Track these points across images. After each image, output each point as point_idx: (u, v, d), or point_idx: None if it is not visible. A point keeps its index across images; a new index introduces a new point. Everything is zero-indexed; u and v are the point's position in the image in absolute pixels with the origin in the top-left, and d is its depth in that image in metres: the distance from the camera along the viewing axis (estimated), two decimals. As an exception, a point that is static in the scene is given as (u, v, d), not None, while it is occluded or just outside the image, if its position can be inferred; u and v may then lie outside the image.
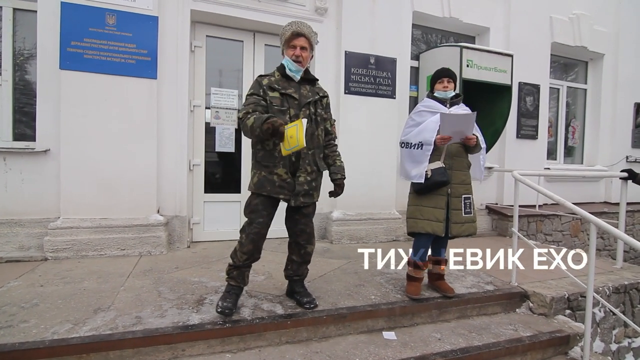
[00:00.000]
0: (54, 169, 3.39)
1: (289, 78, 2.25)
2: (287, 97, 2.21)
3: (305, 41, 2.23)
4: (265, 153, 2.20)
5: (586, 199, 6.08)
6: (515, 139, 5.36)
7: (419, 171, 2.49)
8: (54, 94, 3.35)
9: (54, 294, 2.46)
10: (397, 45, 4.50)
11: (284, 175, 2.19)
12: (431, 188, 2.49)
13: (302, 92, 2.26)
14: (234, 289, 2.25)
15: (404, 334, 2.36)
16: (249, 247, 2.19)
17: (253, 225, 2.20)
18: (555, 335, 2.48)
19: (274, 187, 2.19)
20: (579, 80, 6.47)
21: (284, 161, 2.18)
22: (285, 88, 2.22)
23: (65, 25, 3.28)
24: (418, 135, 2.53)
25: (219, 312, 2.12)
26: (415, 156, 2.52)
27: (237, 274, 2.24)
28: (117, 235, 3.41)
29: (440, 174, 2.46)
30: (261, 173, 2.21)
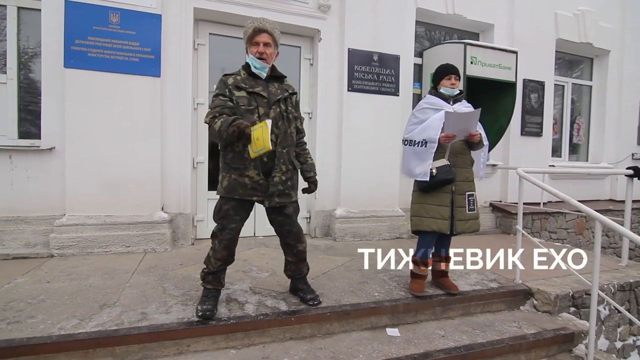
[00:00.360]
0: (59, 166, 3.42)
1: (255, 76, 2.18)
2: (255, 96, 2.13)
3: (268, 37, 2.15)
4: (235, 155, 2.12)
5: (591, 196, 6.05)
6: (519, 136, 5.33)
7: (424, 169, 2.48)
8: (59, 92, 3.37)
9: (60, 290, 2.48)
10: (401, 43, 4.48)
11: (256, 176, 2.12)
12: (436, 186, 2.49)
13: (270, 89, 2.19)
14: (211, 291, 2.22)
15: (407, 331, 2.36)
16: (222, 254, 2.16)
17: (225, 231, 2.14)
18: (559, 333, 2.48)
19: (246, 190, 2.12)
20: (584, 77, 6.42)
21: (254, 162, 2.10)
22: (253, 87, 2.14)
23: (69, 23, 3.29)
24: (422, 133, 2.51)
25: (200, 316, 2.07)
26: (420, 154, 2.51)
27: (212, 278, 2.22)
28: (122, 232, 3.43)
29: (445, 171, 2.46)
30: (231, 176, 2.13)
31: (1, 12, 3.49)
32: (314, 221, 4.35)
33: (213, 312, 2.12)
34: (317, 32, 4.22)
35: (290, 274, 2.46)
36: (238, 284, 2.66)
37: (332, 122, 4.29)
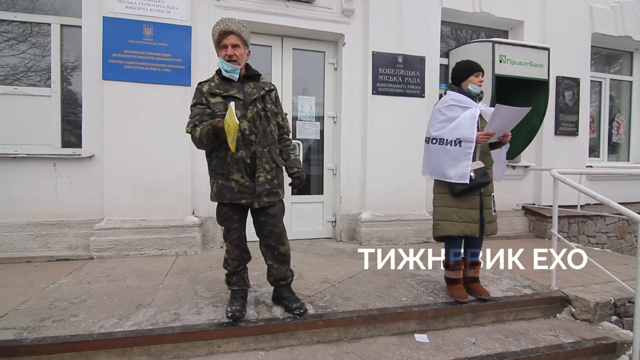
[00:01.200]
0: (98, 173, 3.61)
1: (229, 79, 2.16)
2: (231, 99, 2.10)
3: (235, 38, 2.10)
4: (219, 160, 2.14)
5: (634, 198, 5.68)
6: (553, 136, 5.11)
7: (462, 171, 2.36)
8: (98, 103, 3.57)
9: (100, 290, 2.62)
10: (426, 44, 4.43)
11: (241, 179, 2.12)
12: (471, 190, 2.42)
13: (246, 90, 2.16)
14: (238, 292, 2.28)
15: (436, 337, 2.32)
16: (235, 253, 2.24)
17: (231, 232, 2.21)
18: (600, 343, 2.35)
19: (234, 194, 2.13)
20: (624, 72, 6.07)
21: (237, 165, 2.11)
22: (227, 90, 2.13)
23: (107, 38, 3.49)
24: (454, 131, 2.39)
25: (229, 317, 2.11)
26: (453, 154, 2.39)
27: (236, 279, 2.29)
28: (156, 235, 3.58)
29: (482, 175, 2.40)
30: (218, 181, 2.16)
31: (46, 30, 3.74)
32: (339, 225, 4.36)
33: (242, 312, 2.16)
34: (341, 36, 4.25)
35: (272, 279, 2.34)
36: (265, 286, 2.70)
37: (357, 126, 4.29)
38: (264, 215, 2.22)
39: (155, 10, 3.60)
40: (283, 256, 2.30)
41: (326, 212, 4.48)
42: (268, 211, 2.22)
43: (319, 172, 4.51)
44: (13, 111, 3.63)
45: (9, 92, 3.63)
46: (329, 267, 3.27)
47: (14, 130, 3.62)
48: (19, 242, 3.52)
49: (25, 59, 3.73)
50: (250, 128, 2.11)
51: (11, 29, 3.70)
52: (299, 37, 4.29)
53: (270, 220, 2.23)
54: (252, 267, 3.19)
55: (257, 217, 2.24)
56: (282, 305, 2.33)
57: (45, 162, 3.60)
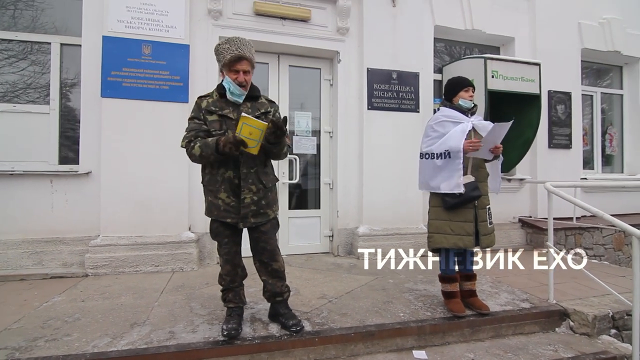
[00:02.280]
0: (95, 189, 3.61)
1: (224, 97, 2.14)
2: (225, 119, 2.10)
3: (247, 64, 2.10)
4: (211, 177, 2.15)
5: (630, 209, 5.71)
6: (547, 148, 5.16)
7: (454, 182, 2.40)
8: (96, 120, 3.61)
9: (94, 309, 2.59)
10: (420, 60, 4.52)
11: (226, 199, 2.12)
12: (463, 204, 2.45)
13: (241, 110, 2.12)
14: (234, 310, 2.27)
15: (435, 354, 2.29)
16: (227, 268, 2.23)
17: (222, 247, 2.22)
18: (599, 357, 2.33)
19: (220, 212, 2.14)
20: (614, 86, 6.19)
21: (224, 185, 2.10)
22: (223, 109, 2.12)
23: (106, 56, 3.55)
24: (443, 145, 2.46)
25: (225, 335, 2.10)
26: (443, 166, 2.45)
27: (232, 296, 2.28)
28: (152, 252, 3.56)
29: (473, 188, 2.44)
30: (208, 198, 2.20)
31: (46, 48, 3.80)
32: (336, 239, 4.35)
33: (238, 331, 2.15)
34: (337, 53, 4.33)
35: (268, 295, 2.33)
36: (262, 303, 2.67)
37: (353, 141, 4.34)
38: (256, 232, 2.22)
39: (155, 29, 3.67)
40: (277, 272, 2.29)
41: (323, 227, 4.47)
42: (261, 228, 2.21)
43: (315, 186, 4.52)
44: (11, 128, 3.66)
45: (8, 110, 3.66)
46: (326, 283, 3.24)
47: (12, 147, 3.64)
48: (14, 259, 3.49)
49: (24, 76, 3.78)
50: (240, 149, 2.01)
51: (11, 47, 3.75)
52: (296, 55, 4.38)
53: (263, 237, 2.22)
54: (248, 284, 3.16)
55: (251, 234, 2.25)
56: (279, 322, 2.31)
57: (42, 179, 3.60)
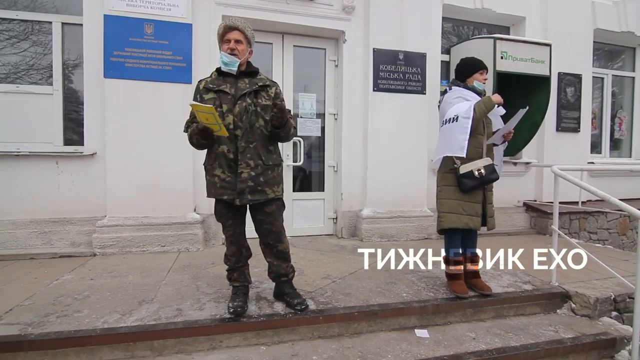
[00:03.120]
0: (100, 170, 3.64)
1: (225, 75, 2.16)
2: (221, 94, 2.11)
3: (239, 34, 2.13)
4: (208, 157, 2.20)
5: (636, 194, 5.67)
6: (555, 132, 5.09)
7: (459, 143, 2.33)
8: (99, 101, 3.59)
9: (103, 286, 2.65)
10: (427, 40, 4.41)
11: (222, 174, 2.11)
12: (481, 186, 2.48)
13: (238, 85, 2.13)
14: (240, 288, 2.30)
15: (437, 333, 2.33)
16: (232, 249, 2.26)
17: (226, 229, 2.24)
18: (600, 338, 2.36)
19: (217, 189, 2.13)
20: (626, 68, 6.04)
21: (219, 160, 2.11)
22: (219, 85, 2.13)
23: (108, 36, 3.50)
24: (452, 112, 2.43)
25: (231, 312, 2.13)
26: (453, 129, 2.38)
27: (237, 275, 2.30)
28: (158, 232, 3.60)
29: (492, 171, 2.47)
30: (206, 176, 2.21)
31: (47, 28, 3.75)
32: (340, 222, 4.37)
33: (244, 308, 2.19)
34: (342, 33, 4.24)
35: (273, 276, 2.36)
36: (267, 282, 2.71)
37: (358, 123, 4.30)
38: (261, 214, 2.20)
39: (156, 8, 3.60)
40: (282, 254, 2.29)
41: (327, 209, 4.49)
42: (265, 209, 2.19)
43: (320, 169, 4.52)
44: (15, 109, 3.66)
45: (11, 91, 3.65)
46: (330, 264, 3.28)
47: (16, 128, 3.65)
48: (23, 239, 3.55)
49: (26, 57, 3.75)
50: (235, 123, 2.06)
51: (12, 27, 3.71)
52: (300, 34, 4.29)
53: (267, 219, 2.21)
54: (253, 264, 3.20)
55: (254, 215, 2.24)
56: (284, 301, 2.35)
57: (48, 160, 3.62)
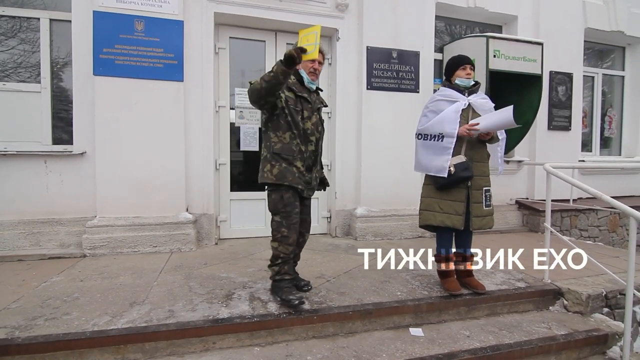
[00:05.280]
0: (90, 170, 3.57)
1: (303, 84, 2.40)
2: (302, 100, 2.35)
3: (321, 57, 2.39)
4: (284, 145, 2.32)
5: (626, 192, 5.76)
6: (546, 130, 5.13)
7: (441, 164, 2.42)
8: (89, 99, 3.53)
9: (93, 288, 2.60)
10: (420, 39, 4.42)
11: (301, 167, 2.35)
12: (454, 184, 2.44)
13: (312, 98, 2.44)
14: (291, 281, 2.40)
15: (431, 331, 2.33)
16: (294, 238, 2.33)
17: (292, 216, 2.32)
18: (592, 334, 2.38)
19: (295, 178, 2.32)
20: (616, 67, 6.11)
21: (301, 155, 2.34)
22: (301, 91, 2.37)
23: (97, 33, 3.44)
24: (437, 126, 2.46)
25: (296, 304, 2.23)
26: (435, 148, 2.46)
27: (288, 268, 2.38)
28: (150, 232, 3.55)
29: (464, 169, 2.41)
30: (281, 165, 2.31)
31: (35, 25, 3.68)
32: (334, 220, 4.36)
33: (302, 299, 2.28)
34: (336, 31, 4.22)
35: None
36: (260, 282, 2.70)
37: (351, 121, 4.29)
38: (303, 205, 2.45)
39: (147, 4, 3.54)
40: (304, 242, 2.58)
41: (321, 208, 4.47)
42: (306, 202, 2.49)
43: (313, 168, 4.49)
44: (3, 108, 3.57)
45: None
46: (324, 263, 3.27)
47: (4, 127, 3.57)
48: (10, 240, 3.47)
49: (14, 54, 3.67)
50: (312, 130, 2.38)
51: (0, 24, 3.62)
52: (293, 32, 4.25)
53: (306, 210, 2.50)
54: (246, 264, 3.20)
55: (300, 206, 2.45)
56: None
57: (36, 159, 3.55)
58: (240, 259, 3.37)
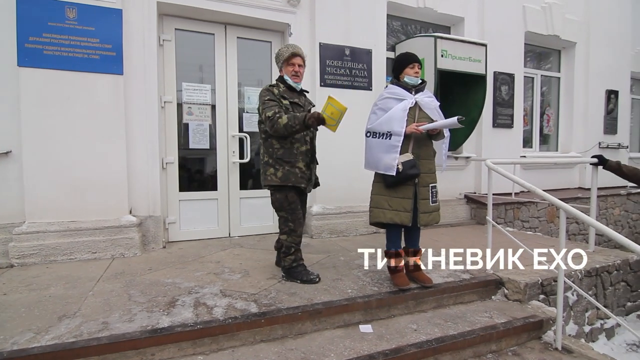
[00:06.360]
0: (16, 171, 3.23)
1: (291, 89, 2.69)
2: (295, 105, 2.65)
3: (301, 60, 2.69)
4: (285, 151, 2.60)
5: (562, 185, 6.23)
6: (491, 128, 5.41)
7: (389, 163, 2.45)
8: (13, 92, 3.17)
9: (17, 302, 2.35)
10: (373, 37, 4.46)
11: (304, 167, 2.66)
12: (402, 182, 2.47)
13: (302, 101, 2.76)
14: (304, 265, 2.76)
15: (380, 327, 2.35)
16: (300, 230, 2.71)
17: (296, 212, 2.66)
18: (528, 321, 2.52)
19: (298, 178, 2.62)
20: (553, 69, 6.58)
21: (302, 156, 2.65)
22: (292, 97, 2.67)
23: (21, 19, 3.10)
24: (385, 125, 2.49)
25: (318, 280, 2.68)
26: (384, 146, 2.49)
27: (300, 255, 2.74)
28: (88, 238, 3.29)
29: (411, 166, 2.45)
30: (284, 167, 2.60)
31: (-53, 8, 3.25)
32: (290, 219, 4.29)
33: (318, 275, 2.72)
34: (288, 26, 4.15)
35: (280, 246, 2.86)
36: (208, 287, 2.59)
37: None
38: (304, 198, 2.86)
39: (80, -10, 3.26)
40: None
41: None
42: (303, 197, 2.83)
43: (268, 166, 4.40)
44: None
45: None
46: (277, 263, 3.20)
47: None
48: None
49: None
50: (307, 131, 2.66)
51: None
52: (244, 26, 4.13)
53: (305, 202, 2.90)
54: (195, 267, 3.07)
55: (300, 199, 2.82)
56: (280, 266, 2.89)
57: (-50, 160, 3.15)
58: (189, 262, 3.22)
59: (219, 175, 4.12)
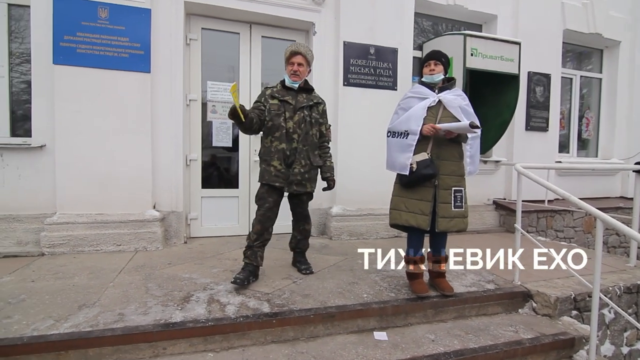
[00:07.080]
0: (49, 164, 3.39)
1: (288, 88, 2.71)
2: (284, 103, 2.66)
3: (302, 58, 2.67)
4: (264, 149, 2.69)
5: (602, 193, 5.83)
6: (524, 131, 5.13)
7: (403, 162, 2.36)
8: (48, 89, 3.34)
9: (43, 289, 2.45)
10: (399, 35, 4.34)
11: (279, 166, 2.63)
12: (417, 182, 2.37)
13: (298, 99, 2.70)
14: (248, 266, 2.59)
15: (395, 335, 2.26)
16: (257, 228, 2.60)
17: (261, 209, 2.63)
18: (558, 338, 2.34)
19: (271, 176, 2.63)
20: (594, 70, 6.17)
21: (278, 155, 2.63)
22: (284, 95, 2.68)
23: (57, 19, 3.25)
24: (404, 123, 2.41)
25: (232, 282, 2.45)
26: (401, 146, 2.40)
27: (250, 254, 2.60)
28: (113, 230, 3.40)
29: (425, 166, 2.33)
30: (262, 165, 2.69)
31: (-7, 10, 3.47)
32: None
33: (244, 282, 2.47)
34: (312, 25, 4.12)
35: (293, 246, 2.99)
36: (223, 284, 2.59)
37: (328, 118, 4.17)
38: (297, 200, 2.82)
39: (112, -10, 3.37)
40: (306, 232, 2.95)
41: (296, 207, 4.36)
42: (302, 198, 2.80)
43: (289, 165, 4.38)
44: (-46, 96, 3.36)
45: (-50, 76, 3.36)
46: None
47: (-44, 117, 3.36)
48: (-38, 237, 3.28)
49: (-29, 41, 3.45)
50: (294, 128, 2.65)
51: (-48, 7, 3.41)
52: (269, 25, 4.14)
53: (302, 205, 2.86)
54: (213, 264, 3.09)
55: (292, 200, 2.85)
56: (295, 267, 2.98)
57: (-9, 152, 3.35)
58: (207, 258, 3.25)
59: (241, 174, 4.15)
